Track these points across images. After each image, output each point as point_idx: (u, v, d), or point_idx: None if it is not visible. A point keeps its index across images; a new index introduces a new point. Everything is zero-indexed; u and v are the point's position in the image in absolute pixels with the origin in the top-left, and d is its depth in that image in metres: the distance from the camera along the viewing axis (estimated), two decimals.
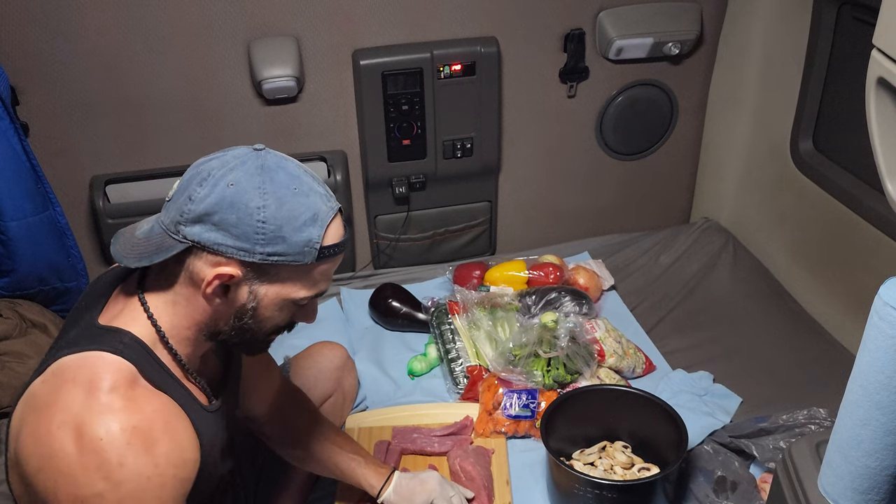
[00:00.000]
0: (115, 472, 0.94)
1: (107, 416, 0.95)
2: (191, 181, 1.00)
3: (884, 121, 1.00)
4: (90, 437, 0.94)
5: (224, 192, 0.97)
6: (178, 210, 0.99)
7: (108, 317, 1.06)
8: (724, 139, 2.36)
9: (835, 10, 1.86)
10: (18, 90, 1.90)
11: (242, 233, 0.98)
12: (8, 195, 1.75)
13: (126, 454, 0.94)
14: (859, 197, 1.85)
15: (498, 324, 1.91)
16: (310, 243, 1.01)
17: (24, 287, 1.91)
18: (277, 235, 0.99)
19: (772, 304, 2.12)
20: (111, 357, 1.00)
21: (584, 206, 2.46)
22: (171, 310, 1.05)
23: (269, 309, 1.06)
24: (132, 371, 1.00)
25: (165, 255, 1.00)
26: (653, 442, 1.59)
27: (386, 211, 2.29)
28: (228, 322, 1.06)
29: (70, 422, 0.94)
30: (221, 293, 1.02)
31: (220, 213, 0.97)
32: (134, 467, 0.95)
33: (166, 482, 0.98)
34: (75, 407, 0.95)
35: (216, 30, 1.95)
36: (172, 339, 1.06)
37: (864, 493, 0.99)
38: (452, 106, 2.13)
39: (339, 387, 1.67)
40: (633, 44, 2.15)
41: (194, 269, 1.01)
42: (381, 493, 1.43)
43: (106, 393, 0.96)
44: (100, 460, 0.93)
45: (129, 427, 0.95)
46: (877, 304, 0.90)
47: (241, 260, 0.99)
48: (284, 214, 0.99)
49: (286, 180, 1.00)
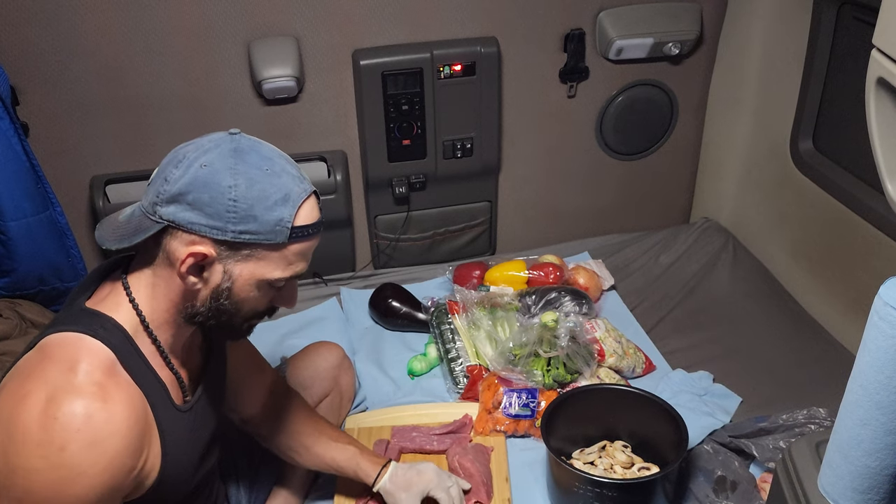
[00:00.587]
0: (53, 455, 0.95)
1: (73, 398, 0.97)
2: (168, 164, 1.04)
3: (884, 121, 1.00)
4: (48, 413, 0.96)
5: (197, 173, 1.01)
6: (155, 191, 1.03)
7: (94, 300, 1.09)
8: (724, 139, 2.36)
9: (835, 10, 1.86)
10: (18, 90, 1.90)
11: (215, 211, 1.01)
12: (8, 195, 1.75)
13: (71, 441, 0.96)
14: (859, 197, 1.85)
15: (498, 323, 1.91)
16: (281, 222, 1.03)
17: (24, 287, 1.91)
18: (249, 214, 1.01)
19: (772, 304, 2.12)
20: (91, 341, 1.02)
21: (584, 206, 2.46)
22: (151, 292, 1.08)
23: (245, 289, 1.07)
24: (110, 358, 1.03)
25: (143, 235, 1.03)
26: (653, 441, 1.59)
27: (386, 211, 2.29)
28: (205, 303, 1.08)
29: (38, 393, 0.97)
30: (197, 272, 1.05)
31: (194, 193, 1.00)
32: (71, 457, 0.96)
33: (97, 482, 0.98)
34: (48, 381, 0.98)
35: (216, 30, 1.95)
36: (153, 324, 1.09)
37: (864, 493, 0.99)
38: (452, 106, 2.13)
39: (336, 386, 1.67)
40: (633, 44, 2.15)
41: (170, 249, 1.04)
42: (377, 481, 1.44)
43: (80, 374, 0.99)
44: (44, 438, 0.95)
45: (87, 415, 0.97)
46: (877, 304, 0.90)
47: (214, 238, 1.02)
48: (255, 194, 1.02)
49: (258, 161, 1.03)
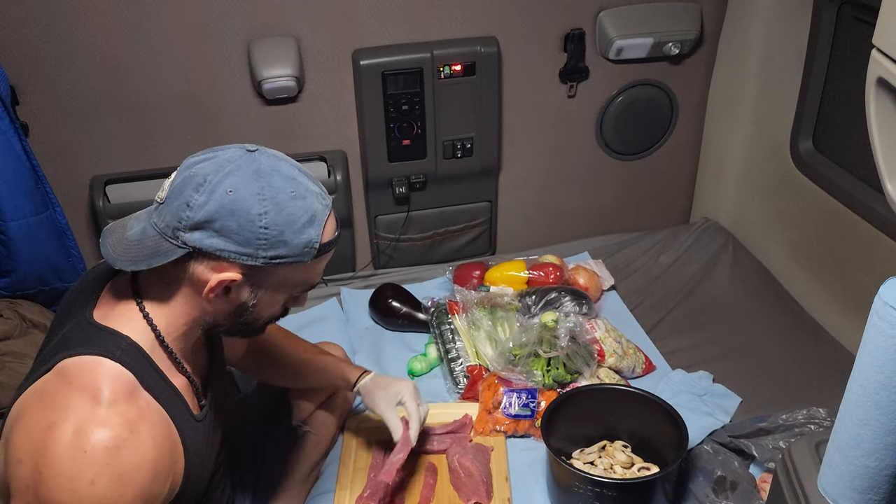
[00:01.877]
0: (83, 489, 0.94)
1: (99, 430, 0.96)
2: (185, 185, 1.00)
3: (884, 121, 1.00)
4: (76, 447, 0.95)
5: (223, 200, 0.98)
6: (175, 216, 1.00)
7: (101, 313, 1.07)
8: (724, 139, 2.36)
9: (835, 10, 1.86)
10: (18, 90, 1.90)
11: (244, 239, 1.00)
12: (8, 195, 1.75)
13: (100, 475, 0.95)
14: (859, 197, 1.85)
15: (498, 324, 1.91)
16: (310, 244, 1.04)
17: (24, 287, 1.91)
18: (279, 240, 1.01)
19: (772, 304, 2.12)
20: (111, 365, 1.01)
21: (584, 206, 2.46)
22: (167, 309, 1.07)
23: (268, 304, 1.10)
24: (131, 381, 1.01)
25: (163, 259, 1.01)
26: (653, 441, 1.59)
27: (386, 211, 2.29)
28: (229, 318, 1.09)
29: (63, 425, 0.95)
30: (223, 294, 1.05)
31: (221, 221, 0.99)
32: (101, 490, 0.95)
33: None
34: (72, 412, 0.96)
35: (216, 30, 1.95)
36: (168, 338, 1.08)
37: (863, 493, 0.99)
38: (452, 106, 2.13)
39: None
40: (633, 44, 2.15)
41: (194, 273, 1.03)
42: (359, 381, 1.53)
43: (105, 406, 0.98)
44: (74, 472, 0.94)
45: (115, 448, 0.96)
46: (877, 304, 0.90)
47: (242, 263, 1.01)
48: (284, 219, 1.01)
49: (283, 184, 1.02)
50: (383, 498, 1.50)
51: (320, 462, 1.64)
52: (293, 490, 1.56)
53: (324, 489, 1.60)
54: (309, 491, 1.60)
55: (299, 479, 1.57)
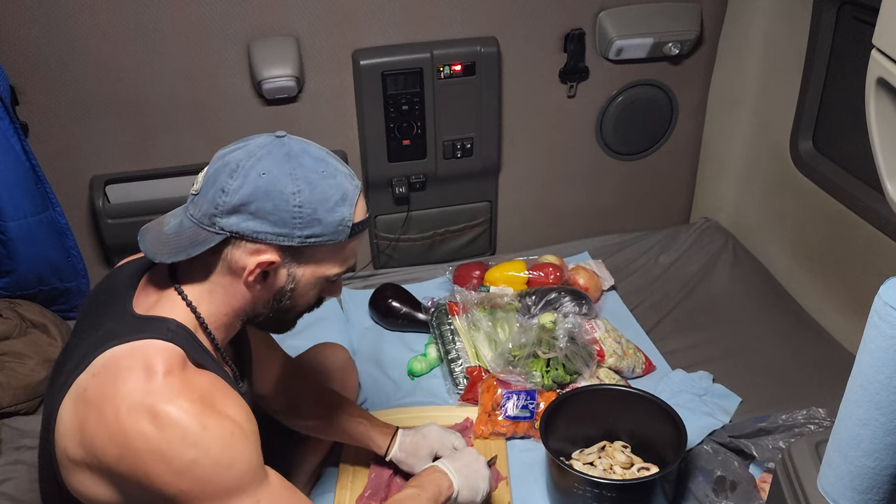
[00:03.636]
0: (201, 437, 0.98)
1: (172, 395, 0.99)
2: (219, 173, 1.03)
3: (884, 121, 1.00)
4: (165, 416, 0.97)
5: (258, 182, 1.01)
6: (212, 203, 1.02)
7: (144, 307, 1.09)
8: (724, 139, 2.36)
9: (835, 10, 1.86)
10: (18, 90, 1.90)
11: (280, 219, 1.02)
12: (8, 195, 1.75)
13: (204, 419, 0.99)
14: (859, 197, 1.85)
15: (497, 324, 1.91)
16: (343, 222, 1.06)
17: (24, 287, 1.91)
18: (314, 218, 1.04)
19: (772, 304, 2.12)
20: (161, 343, 1.03)
21: (584, 206, 2.46)
22: (209, 298, 1.09)
23: (306, 289, 1.11)
24: (181, 355, 1.04)
25: (202, 247, 1.03)
26: (652, 442, 1.59)
27: (386, 211, 2.29)
28: (268, 305, 1.11)
29: (137, 407, 0.97)
30: (261, 279, 1.07)
31: (257, 202, 1.01)
32: (216, 428, 0.99)
33: (247, 434, 1.03)
34: (137, 393, 0.98)
35: (216, 30, 1.95)
36: (211, 326, 1.10)
37: (863, 493, 0.99)
38: (452, 106, 2.13)
39: (343, 387, 1.67)
40: (633, 44, 2.15)
41: (233, 259, 1.05)
42: (388, 452, 1.53)
43: (162, 377, 1.00)
44: (182, 431, 0.97)
45: (196, 399, 1.00)
46: (877, 304, 0.90)
47: (279, 245, 1.04)
48: (317, 197, 1.04)
49: (313, 164, 1.05)
50: (384, 498, 1.50)
51: (321, 462, 1.64)
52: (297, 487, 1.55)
53: (324, 489, 1.60)
54: (309, 491, 1.60)
55: (300, 479, 1.57)
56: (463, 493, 1.37)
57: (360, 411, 1.57)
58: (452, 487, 1.36)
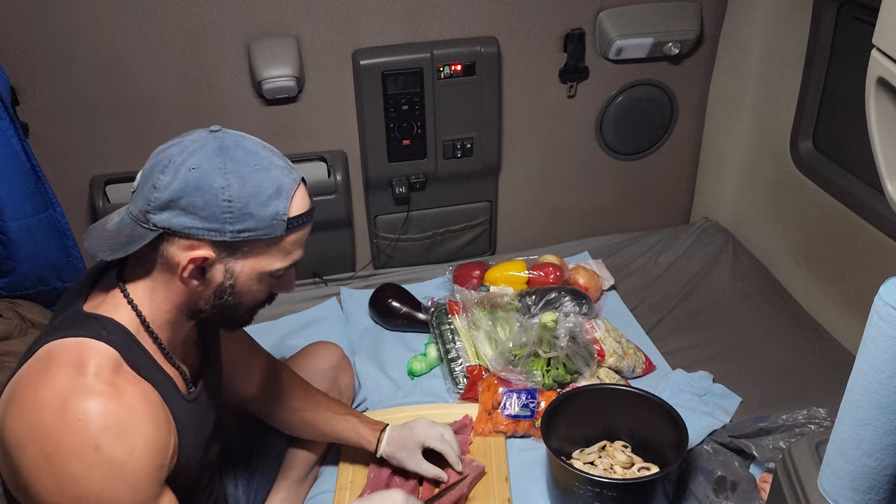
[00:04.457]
0: (90, 456, 0.96)
1: (88, 398, 0.98)
2: (153, 170, 1.03)
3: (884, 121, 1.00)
4: (71, 418, 0.96)
5: (187, 177, 1.00)
6: (145, 199, 1.02)
7: (91, 305, 1.09)
8: (724, 139, 2.36)
9: (835, 10, 1.86)
10: (18, 90, 1.90)
11: (210, 214, 1.01)
12: (8, 195, 1.75)
13: (102, 438, 0.97)
14: (859, 197, 1.85)
15: (498, 324, 1.91)
16: (277, 216, 1.04)
17: (24, 287, 1.91)
18: (245, 212, 1.02)
19: (772, 304, 2.12)
20: (95, 343, 1.02)
21: (584, 206, 2.46)
22: (150, 295, 1.08)
23: (247, 284, 1.09)
24: (116, 357, 1.03)
25: (138, 244, 1.03)
26: (653, 441, 1.59)
27: (386, 211, 2.29)
28: (209, 301, 1.09)
29: (54, 401, 0.97)
30: (198, 275, 1.06)
31: (186, 198, 1.00)
32: (108, 453, 0.97)
33: (140, 469, 1.00)
34: (60, 387, 0.98)
35: (216, 30, 1.95)
36: (154, 324, 1.09)
37: (863, 493, 0.99)
38: (452, 106, 2.13)
39: (334, 386, 1.67)
40: (633, 44, 2.15)
41: (168, 255, 1.04)
42: (378, 447, 1.53)
43: (90, 376, 0.99)
44: (77, 441, 0.96)
45: (108, 412, 0.98)
46: (877, 304, 0.90)
47: (212, 240, 1.03)
48: (248, 191, 1.02)
49: (246, 158, 1.04)
50: None
51: (319, 461, 1.64)
52: (291, 489, 1.56)
53: (323, 489, 1.60)
54: (308, 490, 1.60)
55: (298, 477, 1.57)
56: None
57: (348, 409, 1.57)
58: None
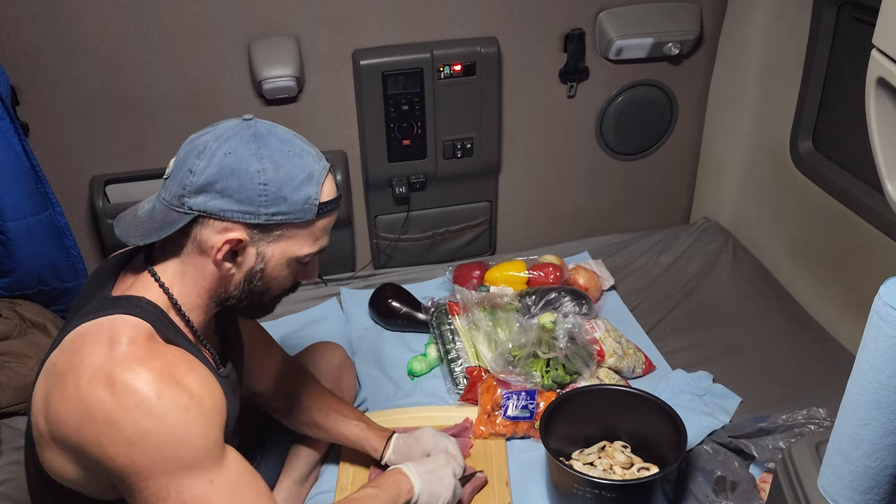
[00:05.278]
0: (155, 406, 0.98)
1: (132, 364, 1.00)
2: (188, 156, 1.05)
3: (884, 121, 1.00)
4: (122, 383, 0.98)
5: (223, 161, 1.03)
6: (180, 184, 1.04)
7: (120, 290, 1.11)
8: (724, 139, 2.36)
9: (835, 10, 1.86)
10: (18, 90, 1.90)
11: (246, 197, 1.03)
12: (8, 195, 1.75)
13: (161, 389, 0.99)
14: (859, 197, 1.85)
15: (497, 324, 1.91)
16: (309, 200, 1.07)
17: (24, 287, 1.91)
18: (279, 196, 1.05)
19: (772, 304, 2.12)
20: (127, 317, 1.04)
21: (584, 206, 2.46)
22: (181, 279, 1.10)
23: (277, 269, 1.11)
24: (149, 329, 1.05)
25: (172, 228, 1.05)
26: (652, 442, 1.59)
27: (386, 211, 2.29)
28: (239, 286, 1.11)
29: (98, 375, 0.98)
30: (231, 258, 1.08)
31: (223, 181, 1.03)
32: (171, 399, 0.99)
33: (205, 410, 1.02)
34: (99, 362, 0.99)
35: (216, 30, 1.95)
36: (185, 307, 1.11)
37: (864, 493, 0.99)
38: (452, 106, 2.13)
39: (337, 386, 1.68)
40: (633, 44, 2.15)
41: (202, 238, 1.06)
42: (384, 454, 1.54)
43: (126, 346, 1.01)
44: (137, 399, 0.98)
45: (156, 368, 1.00)
46: (877, 304, 0.90)
47: (246, 223, 1.05)
48: (282, 176, 1.05)
49: (278, 144, 1.07)
50: None
51: (320, 462, 1.64)
52: (293, 489, 1.56)
53: (324, 489, 1.60)
54: (308, 491, 1.60)
55: (299, 478, 1.57)
56: (422, 498, 1.37)
57: (357, 413, 1.58)
58: (413, 492, 1.36)
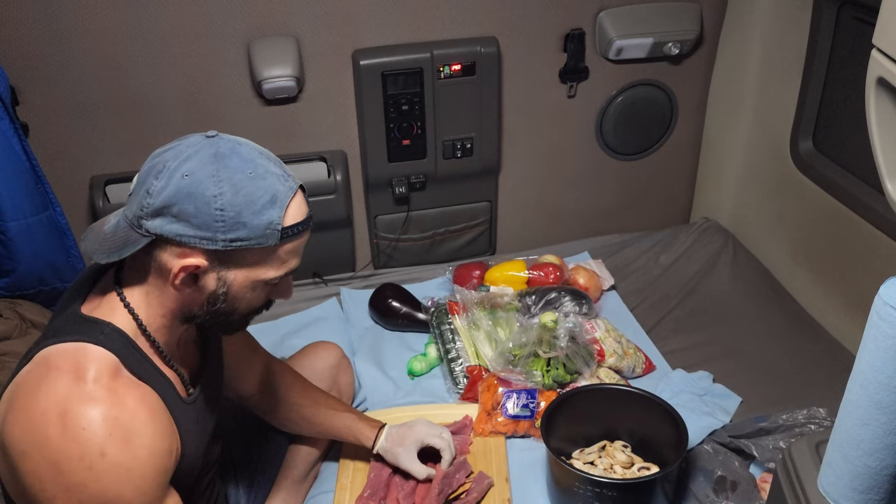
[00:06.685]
0: (96, 463, 0.96)
1: (90, 406, 0.97)
2: (148, 174, 1.02)
3: (884, 121, 0.99)
4: (73, 426, 0.96)
5: (180, 184, 0.99)
6: (139, 204, 1.01)
7: (89, 308, 1.09)
8: (724, 139, 2.36)
9: (835, 10, 1.86)
10: (18, 90, 1.90)
11: (202, 222, 0.99)
12: (8, 195, 1.75)
13: (107, 445, 0.97)
14: (859, 197, 1.85)
15: (498, 324, 1.91)
16: (271, 225, 1.02)
17: (24, 287, 1.91)
18: (238, 221, 1.00)
19: (772, 304, 2.12)
20: (94, 348, 1.02)
21: (584, 206, 2.46)
22: (146, 300, 1.08)
23: (241, 291, 1.07)
24: (114, 361, 1.03)
25: (132, 249, 1.02)
26: (653, 441, 1.59)
27: (386, 211, 2.29)
28: (202, 307, 1.08)
29: (54, 409, 0.97)
30: (191, 282, 1.05)
31: (179, 205, 0.99)
32: (114, 458, 0.97)
33: (146, 472, 1.01)
34: (60, 394, 0.98)
35: (216, 30, 1.94)
36: (150, 328, 1.09)
37: (864, 493, 0.99)
38: (452, 106, 2.13)
39: (334, 385, 1.68)
40: (633, 44, 2.15)
41: (161, 261, 1.03)
42: (375, 444, 1.54)
43: (90, 382, 0.99)
44: (82, 450, 0.96)
45: (111, 418, 0.98)
46: (877, 304, 0.90)
47: (204, 248, 1.01)
48: (241, 200, 1.00)
49: (240, 165, 1.01)
50: (384, 498, 1.50)
51: (319, 461, 1.64)
52: (292, 489, 1.56)
53: (323, 489, 1.60)
54: (308, 490, 1.60)
55: (298, 477, 1.57)
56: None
57: (347, 407, 1.58)
58: None
